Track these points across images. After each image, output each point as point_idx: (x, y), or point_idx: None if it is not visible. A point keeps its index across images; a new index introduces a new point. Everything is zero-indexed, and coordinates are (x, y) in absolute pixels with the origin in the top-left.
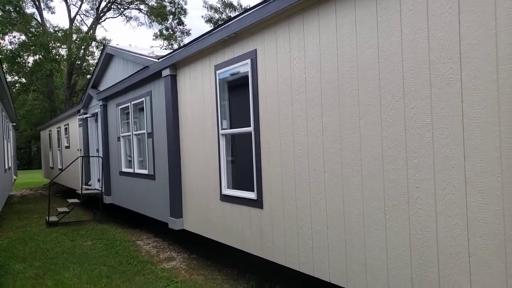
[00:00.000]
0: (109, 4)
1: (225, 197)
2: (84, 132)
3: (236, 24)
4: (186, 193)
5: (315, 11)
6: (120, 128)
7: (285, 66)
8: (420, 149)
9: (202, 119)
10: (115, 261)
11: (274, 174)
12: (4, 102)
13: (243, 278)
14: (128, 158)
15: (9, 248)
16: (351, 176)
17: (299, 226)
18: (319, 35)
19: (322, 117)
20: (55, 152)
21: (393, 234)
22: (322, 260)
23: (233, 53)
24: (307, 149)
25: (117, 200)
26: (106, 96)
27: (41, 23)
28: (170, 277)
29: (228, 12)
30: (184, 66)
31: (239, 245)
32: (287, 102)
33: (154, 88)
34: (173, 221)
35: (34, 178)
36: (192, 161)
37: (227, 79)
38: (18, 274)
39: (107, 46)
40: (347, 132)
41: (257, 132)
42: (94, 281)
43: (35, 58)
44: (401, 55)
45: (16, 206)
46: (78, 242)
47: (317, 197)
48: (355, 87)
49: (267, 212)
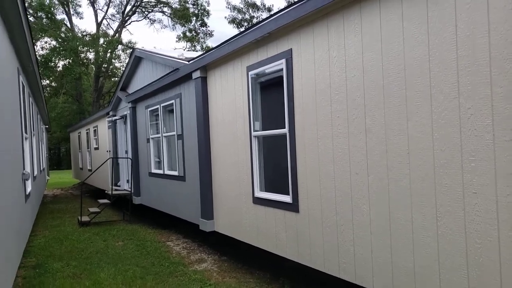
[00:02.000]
0: (134, 8)
1: (258, 199)
2: (113, 134)
3: (270, 24)
4: (217, 195)
5: (357, 8)
6: (149, 130)
7: (324, 65)
8: (478, 152)
9: (233, 121)
10: (147, 262)
11: (311, 177)
12: (39, 105)
13: (276, 282)
14: (157, 159)
15: (47, 247)
16: (398, 180)
17: (340, 232)
18: (361, 33)
19: (365, 118)
20: (84, 153)
21: (447, 242)
22: (365, 267)
23: (267, 54)
24: (348, 151)
25: (146, 200)
26: (135, 99)
27: (70, 28)
28: (203, 279)
29: (252, 12)
30: (214, 67)
31: (274, 249)
32: (325, 102)
33: (184, 90)
34: (204, 223)
35: (64, 178)
36: (223, 163)
37: (260, 80)
38: (56, 273)
39: (135, 49)
40: (393, 134)
41: (292, 134)
42: (129, 282)
43: (64, 62)
44: (455, 52)
45: (49, 206)
46: (110, 242)
47: (360, 202)
48: (402, 86)
49: (304, 216)
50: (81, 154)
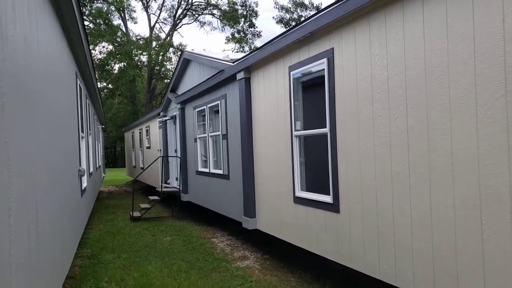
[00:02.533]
0: (184, 11)
1: (299, 199)
2: (164, 134)
3: (311, 24)
4: (259, 194)
5: (399, 6)
6: (196, 130)
7: (365, 64)
8: None
9: (275, 121)
10: (192, 257)
11: (352, 177)
12: (95, 106)
13: (317, 282)
14: (203, 158)
15: (100, 239)
16: (441, 181)
17: (380, 232)
18: (403, 31)
19: (407, 117)
20: (137, 152)
21: (492, 246)
22: (405, 269)
23: (309, 53)
24: (389, 151)
25: (193, 198)
26: (184, 100)
27: (126, 33)
28: (245, 276)
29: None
30: (257, 68)
31: (314, 249)
32: (367, 101)
33: (228, 91)
34: (246, 221)
35: (118, 176)
36: (265, 162)
37: (302, 79)
38: (108, 264)
39: (184, 51)
40: (436, 133)
41: (333, 133)
42: (174, 275)
43: (120, 65)
44: (503, 47)
45: (104, 201)
46: (159, 237)
47: (401, 203)
48: (445, 84)
49: (344, 217)
50: (134, 153)
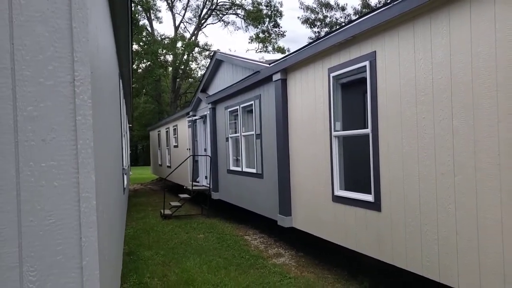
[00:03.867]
0: (209, 11)
1: (338, 198)
2: (193, 133)
3: (354, 28)
4: (295, 192)
5: (445, 11)
6: (228, 129)
7: (409, 67)
8: None
9: (313, 121)
10: (228, 253)
11: (395, 177)
12: (127, 106)
13: (354, 279)
14: (235, 157)
15: (136, 236)
16: (487, 181)
17: (423, 231)
18: (449, 35)
19: (452, 119)
20: (163, 150)
21: None
22: (449, 266)
23: (349, 56)
24: (434, 152)
25: (224, 196)
26: (215, 100)
27: (151, 32)
28: (282, 272)
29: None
30: (294, 70)
31: (354, 246)
32: (410, 103)
33: (263, 91)
34: (282, 219)
35: (142, 174)
36: (301, 162)
37: (341, 81)
38: (148, 260)
39: (217, 52)
40: (483, 136)
41: (375, 134)
42: (214, 271)
43: (146, 64)
44: None
45: (132, 199)
46: (192, 235)
47: (445, 202)
48: (493, 88)
49: (386, 215)
50: (160, 152)
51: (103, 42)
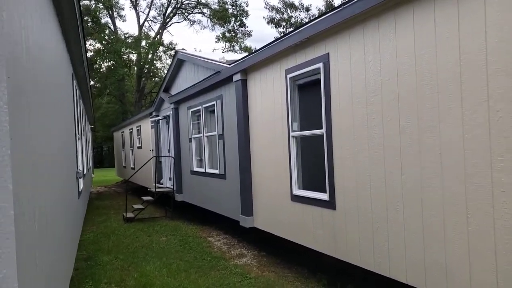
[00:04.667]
0: (174, 9)
1: (296, 197)
2: (156, 134)
3: (308, 29)
4: (257, 192)
5: (391, 14)
6: (191, 130)
7: (359, 69)
8: (507, 153)
9: (272, 122)
10: (190, 256)
11: (347, 176)
12: (86, 107)
13: (313, 277)
14: (198, 158)
15: (95, 241)
16: (431, 179)
17: (374, 228)
18: (395, 39)
19: (399, 119)
20: (127, 152)
21: (476, 238)
22: (399, 261)
23: (305, 57)
24: (383, 151)
25: (188, 198)
26: (178, 100)
27: (114, 31)
28: (244, 273)
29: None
30: (254, 70)
31: (312, 245)
32: (361, 104)
33: (224, 92)
34: (244, 219)
35: (107, 176)
36: (262, 162)
37: (298, 82)
38: (106, 265)
39: (178, 52)
40: (426, 135)
41: (329, 134)
42: (173, 274)
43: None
44: (485, 56)
45: (95, 202)
46: (154, 238)
47: (394, 200)
48: (434, 89)
49: (340, 213)
50: (124, 153)
51: (41, 39)
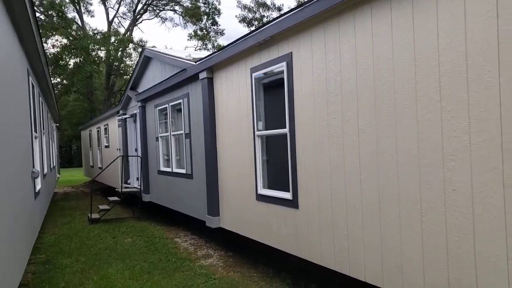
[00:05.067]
0: (145, 6)
1: (261, 196)
2: (123, 132)
3: (272, 28)
4: (223, 192)
5: (351, 14)
6: (158, 129)
7: (321, 69)
8: (457, 152)
9: (238, 121)
10: (155, 257)
11: (310, 175)
12: (49, 104)
13: (278, 276)
14: (166, 157)
15: (56, 243)
16: (387, 178)
17: (335, 227)
18: (354, 38)
19: (358, 119)
20: (95, 151)
21: (430, 236)
22: (357, 260)
23: (269, 56)
24: (342, 150)
25: (155, 198)
26: (145, 98)
27: (81, 26)
28: (208, 273)
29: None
30: (220, 68)
31: (276, 244)
32: (322, 104)
33: (191, 90)
34: (210, 219)
35: (75, 176)
36: (228, 161)
37: (263, 81)
38: (65, 269)
39: (145, 49)
40: (383, 135)
41: (292, 134)
42: (136, 276)
43: (76, 60)
44: (437, 58)
45: (60, 203)
46: (119, 239)
47: (353, 198)
48: (391, 89)
49: (303, 212)
50: (92, 152)
51: None
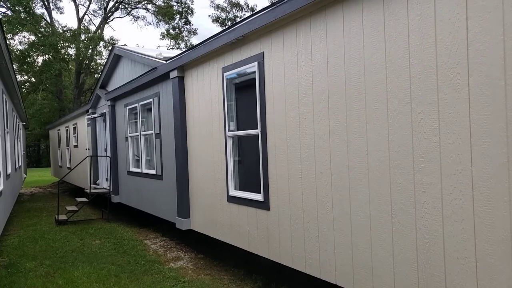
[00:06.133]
0: (116, 4)
1: (232, 198)
2: (93, 132)
3: (243, 27)
4: (193, 194)
5: (322, 15)
6: (128, 128)
7: (292, 69)
8: (427, 153)
9: (210, 121)
10: (123, 260)
11: (281, 176)
12: (14, 102)
13: (249, 278)
14: (136, 158)
15: (20, 246)
16: (358, 180)
17: (306, 228)
18: (326, 39)
19: (329, 120)
20: (63, 151)
21: (400, 237)
22: (328, 262)
23: (241, 56)
24: (314, 152)
25: (125, 199)
26: (115, 97)
27: (50, 23)
28: (178, 276)
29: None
30: (191, 68)
31: (246, 246)
32: (294, 105)
33: (162, 89)
34: (180, 221)
35: (43, 176)
36: (199, 162)
37: (235, 81)
38: (29, 272)
39: (115, 47)
40: (354, 136)
41: (264, 134)
42: (103, 280)
43: (44, 58)
44: (408, 60)
45: (26, 204)
46: (87, 241)
47: (324, 200)
48: (362, 91)
49: (274, 214)
50: (60, 152)
51: None
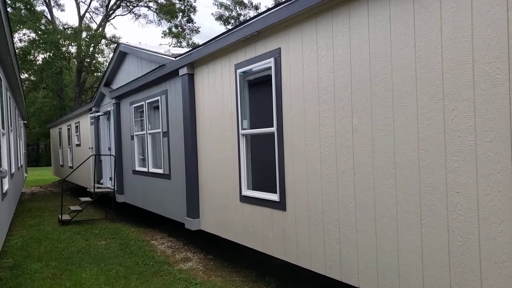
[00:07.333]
0: (118, 1)
1: (245, 198)
2: (96, 130)
3: (259, 23)
4: (203, 193)
5: (345, 9)
6: (133, 127)
7: (312, 65)
8: (461, 152)
9: (221, 119)
10: (131, 261)
11: (299, 176)
12: (17, 100)
13: (262, 280)
14: (141, 157)
15: (24, 247)
16: (384, 179)
17: (326, 230)
18: (349, 34)
19: (352, 118)
20: (65, 150)
21: (430, 240)
22: (350, 264)
23: (255, 52)
24: (335, 150)
25: (130, 199)
26: (120, 95)
27: (51, 20)
28: (188, 278)
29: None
30: (202, 65)
31: (260, 247)
32: (313, 102)
33: (170, 87)
34: (189, 222)
35: (43, 176)
36: (209, 161)
37: (248, 78)
38: (35, 274)
39: (120, 44)
40: (380, 134)
41: (280, 133)
42: (112, 282)
43: (45, 56)
44: (440, 54)
45: (27, 204)
46: (92, 242)
47: (346, 201)
48: (389, 87)
49: (291, 215)
50: (61, 151)
51: None
